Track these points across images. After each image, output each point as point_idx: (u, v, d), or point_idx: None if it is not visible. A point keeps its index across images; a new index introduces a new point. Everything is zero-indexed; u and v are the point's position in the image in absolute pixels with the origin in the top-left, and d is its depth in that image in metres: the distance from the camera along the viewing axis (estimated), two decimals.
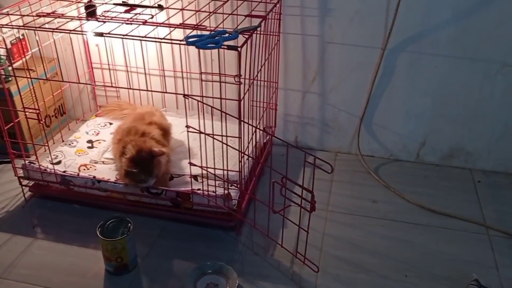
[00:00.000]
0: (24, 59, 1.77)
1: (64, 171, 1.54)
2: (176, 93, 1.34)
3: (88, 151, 1.71)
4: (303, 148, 1.88)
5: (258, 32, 1.42)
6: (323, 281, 1.33)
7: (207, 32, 1.23)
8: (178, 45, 1.21)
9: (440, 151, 1.80)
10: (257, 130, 1.64)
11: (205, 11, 1.41)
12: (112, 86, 1.86)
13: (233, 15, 1.39)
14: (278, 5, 1.59)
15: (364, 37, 1.65)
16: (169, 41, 1.20)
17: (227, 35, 1.22)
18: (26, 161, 1.55)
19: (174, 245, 1.45)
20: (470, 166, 1.80)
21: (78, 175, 1.52)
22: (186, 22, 1.30)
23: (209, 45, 1.14)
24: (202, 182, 1.48)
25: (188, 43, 1.15)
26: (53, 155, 1.66)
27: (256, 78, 1.48)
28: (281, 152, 1.89)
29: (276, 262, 1.39)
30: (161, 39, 1.21)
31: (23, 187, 1.61)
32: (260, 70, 1.50)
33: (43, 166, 1.54)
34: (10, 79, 1.71)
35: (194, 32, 1.24)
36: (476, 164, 1.78)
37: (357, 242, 1.46)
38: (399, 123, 1.79)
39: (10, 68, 1.73)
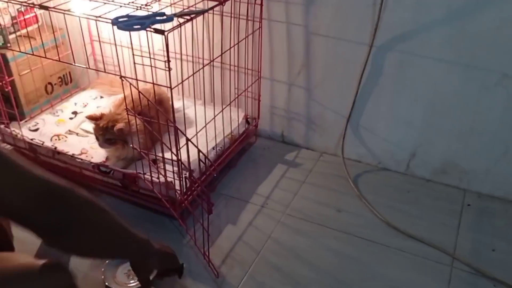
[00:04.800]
0: (27, 29, 1.85)
1: (31, 139, 1.59)
2: (114, 74, 1.32)
3: (68, 122, 1.75)
4: (292, 144, 1.80)
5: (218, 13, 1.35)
6: (246, 286, 1.26)
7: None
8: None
9: (432, 165, 1.61)
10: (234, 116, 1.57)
11: None
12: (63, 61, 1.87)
13: None
14: None
15: (350, 30, 1.50)
16: (97, 19, 1.17)
17: (164, 17, 1.16)
18: (1, 126, 1.62)
19: None
20: (464, 186, 1.59)
21: (42, 144, 1.56)
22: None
23: (131, 27, 1.09)
24: (150, 166, 1.44)
25: (113, 23, 1.11)
26: (35, 122, 1.72)
27: (209, 63, 1.42)
28: (265, 144, 1.82)
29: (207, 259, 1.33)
30: (97, 17, 1.18)
31: None
32: (220, 55, 1.43)
33: (15, 132, 1.60)
34: (9, 45, 1.79)
35: (140, 12, 1.20)
36: (471, 185, 1.58)
37: (301, 252, 1.36)
38: (388, 129, 1.62)
39: (13, 35, 1.82)
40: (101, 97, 1.91)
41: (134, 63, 1.18)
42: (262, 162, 1.74)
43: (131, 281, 1.25)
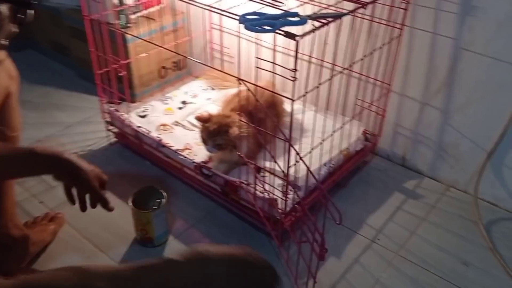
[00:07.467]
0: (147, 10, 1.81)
1: (138, 126, 1.53)
2: (230, 74, 1.18)
3: (176, 112, 1.68)
4: (414, 170, 1.56)
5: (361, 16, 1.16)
6: None
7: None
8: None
9: None
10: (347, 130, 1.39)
11: None
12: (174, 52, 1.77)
13: None
14: None
15: None
16: (223, 13, 1.04)
17: (296, 19, 1.00)
18: (111, 108, 1.59)
19: (210, 234, 1.34)
20: None
21: (148, 134, 1.50)
22: None
23: (260, 28, 0.94)
24: (256, 177, 1.31)
25: (241, 21, 0.97)
26: (144, 107, 1.68)
27: (349, 69, 1.23)
28: (382, 165, 1.61)
29: None
30: (223, 11, 1.05)
31: (109, 132, 1.67)
32: (355, 63, 1.24)
33: (123, 116, 1.56)
34: (129, 25, 1.75)
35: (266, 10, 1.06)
36: None
37: None
38: None
39: (136, 15, 1.78)
40: (212, 89, 1.82)
41: (256, 67, 1.04)
42: (377, 186, 1.53)
43: None
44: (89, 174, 1.02)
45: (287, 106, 1.62)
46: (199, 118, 1.38)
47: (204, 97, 1.77)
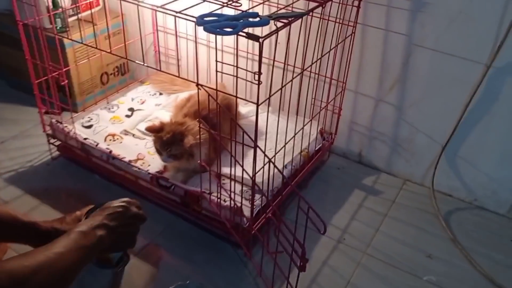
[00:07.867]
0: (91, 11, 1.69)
1: (85, 138, 1.42)
2: (187, 79, 1.11)
3: (124, 120, 1.58)
4: (370, 166, 1.57)
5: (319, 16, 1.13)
6: None
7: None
8: None
9: None
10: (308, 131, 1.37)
11: None
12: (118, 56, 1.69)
13: None
14: None
15: (466, 46, 1.26)
16: (177, 15, 0.97)
17: (257, 19, 0.96)
18: (53, 120, 1.47)
19: (172, 248, 1.27)
20: None
21: (96, 146, 1.40)
22: None
23: (220, 30, 0.89)
24: (220, 185, 1.25)
25: (198, 23, 0.91)
26: (88, 117, 1.57)
27: (308, 71, 1.20)
28: (339, 164, 1.61)
29: None
30: (177, 12, 0.98)
31: (51, 146, 1.54)
32: (314, 62, 1.22)
33: (67, 128, 1.44)
34: (67, 29, 1.63)
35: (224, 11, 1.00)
36: None
37: None
38: (493, 164, 1.37)
39: (73, 18, 1.66)
40: (160, 93, 1.74)
41: (217, 71, 0.99)
42: (336, 185, 1.52)
43: None
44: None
45: (241, 108, 1.58)
46: (150, 129, 1.30)
47: (152, 103, 1.68)
